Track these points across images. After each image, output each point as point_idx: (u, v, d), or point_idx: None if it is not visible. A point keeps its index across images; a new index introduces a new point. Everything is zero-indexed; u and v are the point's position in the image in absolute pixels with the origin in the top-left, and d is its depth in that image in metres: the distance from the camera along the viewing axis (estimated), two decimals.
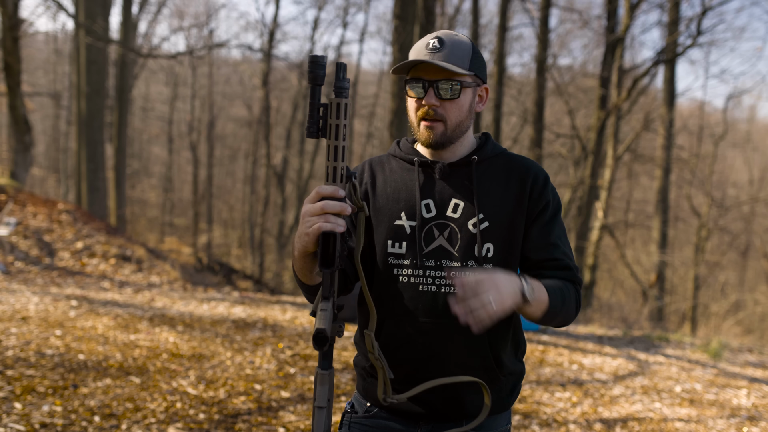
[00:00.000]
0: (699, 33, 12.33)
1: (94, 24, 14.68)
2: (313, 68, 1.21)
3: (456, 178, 1.49)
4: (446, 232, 1.47)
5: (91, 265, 9.37)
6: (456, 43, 1.45)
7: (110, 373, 4.45)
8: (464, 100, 1.46)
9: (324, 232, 1.22)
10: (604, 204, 13.99)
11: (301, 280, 1.42)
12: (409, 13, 9.87)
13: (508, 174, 1.52)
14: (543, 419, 4.34)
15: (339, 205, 1.22)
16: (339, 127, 1.21)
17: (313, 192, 1.23)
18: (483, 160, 1.52)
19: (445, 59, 1.42)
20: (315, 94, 1.23)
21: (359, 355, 1.59)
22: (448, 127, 1.46)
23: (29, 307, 6.39)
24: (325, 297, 1.26)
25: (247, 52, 25.02)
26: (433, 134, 1.46)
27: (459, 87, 1.44)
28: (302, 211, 1.24)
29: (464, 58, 1.44)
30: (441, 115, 1.45)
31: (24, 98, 12.22)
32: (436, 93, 1.43)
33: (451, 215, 1.48)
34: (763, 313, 19.58)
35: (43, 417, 3.55)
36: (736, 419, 4.64)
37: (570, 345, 6.87)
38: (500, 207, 1.48)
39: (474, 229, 1.46)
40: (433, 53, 1.42)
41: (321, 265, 1.24)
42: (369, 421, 1.56)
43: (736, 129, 27.79)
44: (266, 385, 4.55)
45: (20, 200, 10.79)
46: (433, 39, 1.44)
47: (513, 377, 1.56)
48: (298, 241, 1.28)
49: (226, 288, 10.02)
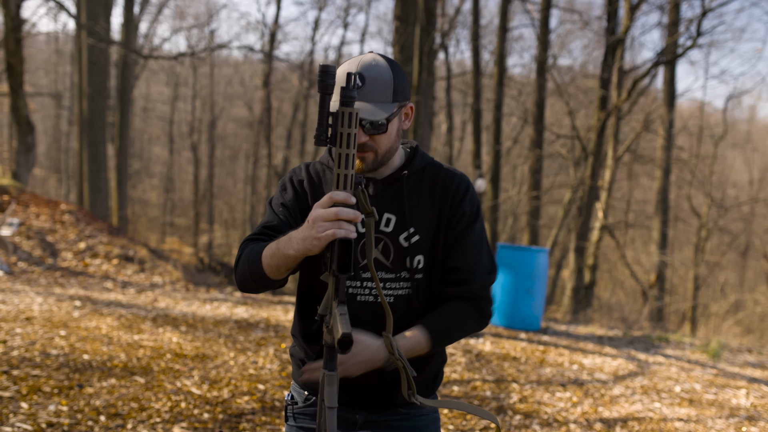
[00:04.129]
0: (699, 34, 12.36)
1: (96, 25, 14.71)
2: (323, 78, 1.24)
3: (388, 192, 1.55)
4: (380, 245, 1.55)
5: (94, 265, 9.41)
6: (376, 77, 1.45)
7: (115, 373, 4.49)
8: (392, 130, 1.50)
9: (341, 239, 1.24)
10: (604, 204, 14.03)
11: (267, 274, 1.43)
12: (409, 14, 9.90)
13: (433, 187, 1.58)
14: (544, 419, 4.38)
15: (353, 212, 1.24)
16: (350, 135, 1.24)
17: (326, 197, 1.25)
18: (412, 173, 1.57)
19: (368, 99, 1.44)
20: (325, 102, 1.26)
21: (295, 345, 1.66)
22: (379, 155, 1.51)
23: (33, 308, 6.43)
24: (341, 302, 1.28)
25: (248, 53, 25.03)
26: (364, 164, 1.50)
27: (386, 122, 1.47)
28: (313, 215, 1.26)
29: (387, 92, 1.46)
30: (371, 147, 1.49)
31: (26, 99, 12.25)
32: (364, 130, 1.46)
33: (384, 229, 1.54)
34: (762, 313, 19.61)
35: (49, 416, 3.59)
36: (735, 419, 4.68)
37: (570, 345, 6.90)
38: (428, 220, 1.56)
39: (405, 242, 1.54)
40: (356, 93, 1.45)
41: (339, 270, 1.26)
42: (310, 409, 1.62)
43: (736, 129, 27.82)
44: (269, 385, 4.59)
45: (23, 201, 10.82)
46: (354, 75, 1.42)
47: (435, 365, 1.65)
48: (302, 243, 1.29)
49: (228, 288, 10.05)
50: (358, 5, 24.09)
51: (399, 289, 1.55)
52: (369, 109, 1.44)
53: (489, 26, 20.19)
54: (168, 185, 28.43)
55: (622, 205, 19.68)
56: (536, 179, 14.88)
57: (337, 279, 1.26)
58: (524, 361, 5.98)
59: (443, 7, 14.79)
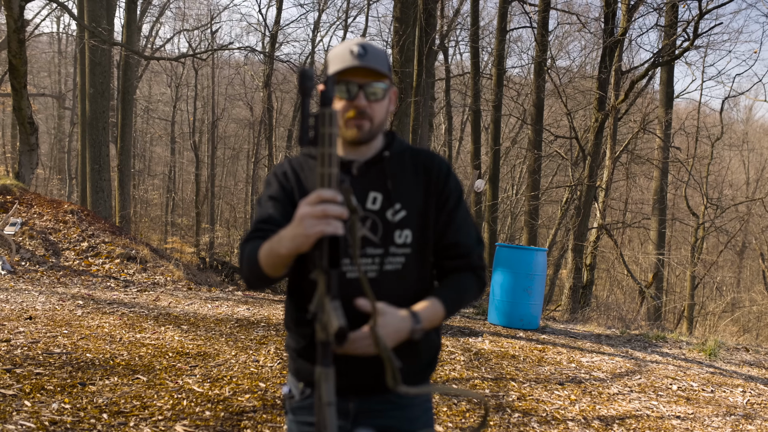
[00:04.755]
0: (696, 35, 12.39)
1: (98, 26, 14.76)
2: (302, 81, 1.28)
3: (372, 173, 1.63)
4: (368, 222, 1.61)
5: (97, 264, 9.47)
6: (377, 50, 1.59)
7: (117, 372, 4.55)
8: (386, 101, 1.61)
9: (328, 235, 1.28)
10: (602, 204, 14.08)
11: (266, 272, 1.48)
12: (409, 16, 9.95)
13: (416, 166, 1.67)
14: (542, 417, 4.43)
15: (340, 209, 1.26)
16: (332, 135, 1.29)
17: (313, 195, 1.27)
18: (393, 155, 1.66)
19: (371, 65, 1.55)
20: (306, 104, 1.31)
21: (290, 337, 1.70)
22: (374, 125, 1.59)
23: (36, 307, 6.48)
24: (333, 296, 1.32)
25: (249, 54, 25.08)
26: (360, 132, 1.58)
27: (384, 89, 1.58)
28: (300, 212, 1.28)
29: (385, 63, 1.58)
30: (369, 115, 1.57)
31: (29, 99, 12.30)
32: (365, 95, 1.56)
33: (371, 207, 1.61)
34: (759, 312, 19.66)
35: (52, 415, 3.64)
36: (731, 417, 4.73)
37: (568, 344, 6.96)
38: (413, 196, 1.64)
39: (392, 217, 1.61)
40: (361, 59, 1.54)
41: (330, 266, 1.31)
42: (308, 402, 1.66)
43: (733, 130, 27.84)
44: (270, 383, 4.64)
45: (26, 201, 10.88)
46: (356, 46, 1.56)
47: (431, 351, 1.69)
48: (291, 241, 1.32)
49: (229, 287, 10.11)
50: (358, 7, 24.16)
51: (388, 264, 1.60)
52: (372, 74, 1.56)
53: (488, 27, 20.26)
54: (170, 185, 28.48)
55: (619, 205, 19.72)
56: (535, 179, 14.94)
57: (328, 274, 1.29)
58: (523, 360, 6.03)
59: (442, 9, 14.85)
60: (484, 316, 8.20)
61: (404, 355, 1.59)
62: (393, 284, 1.59)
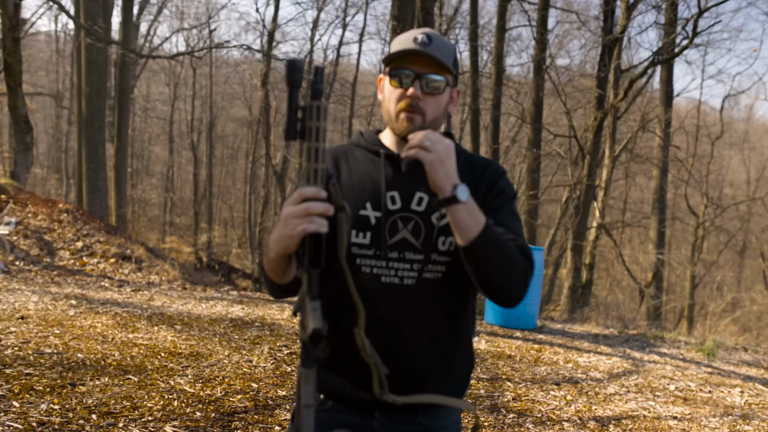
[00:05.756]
0: (695, 33, 12.35)
1: (95, 25, 14.72)
2: (290, 72, 1.23)
3: (421, 172, 1.48)
4: (410, 224, 1.49)
5: (91, 264, 9.42)
6: (443, 41, 1.49)
7: (108, 372, 4.50)
8: (444, 98, 1.50)
9: (311, 233, 1.24)
10: (602, 204, 14.03)
11: (273, 280, 1.43)
12: (407, 14, 9.89)
13: (470, 171, 1.54)
14: (537, 417, 4.38)
15: (323, 206, 1.22)
16: (319, 129, 1.23)
17: (295, 194, 1.23)
18: None
19: (435, 53, 1.45)
20: (293, 97, 1.25)
21: None
22: (426, 120, 1.49)
23: (29, 306, 6.43)
24: (313, 296, 1.27)
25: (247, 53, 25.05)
26: (412, 125, 1.48)
27: (444, 83, 1.47)
28: (284, 213, 1.24)
29: (450, 57, 1.48)
30: (422, 109, 1.47)
31: (25, 98, 12.26)
32: (422, 86, 1.46)
33: (416, 208, 1.50)
34: (759, 311, 19.63)
35: (40, 415, 3.59)
36: (729, 417, 4.68)
37: (566, 344, 6.91)
38: None
39: (438, 222, 1.49)
40: (423, 47, 1.44)
41: (310, 265, 1.25)
42: (324, 414, 1.54)
43: (734, 129, 27.82)
44: (263, 383, 4.60)
45: (21, 200, 10.83)
46: (420, 34, 1.46)
47: (466, 368, 1.58)
48: (277, 243, 1.29)
49: (225, 287, 10.07)
50: (357, 5, 24.09)
51: (427, 272, 1.48)
52: (433, 64, 1.46)
53: (487, 26, 20.21)
54: (168, 185, 28.46)
55: (619, 204, 19.68)
56: (534, 178, 14.90)
57: (309, 274, 1.25)
58: (519, 360, 5.99)
59: (441, 7, 14.80)
60: (481, 315, 8.16)
61: (438, 371, 1.51)
62: (430, 294, 1.47)
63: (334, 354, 1.51)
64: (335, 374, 1.53)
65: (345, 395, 1.52)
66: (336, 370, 1.53)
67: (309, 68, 21.38)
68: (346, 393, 1.51)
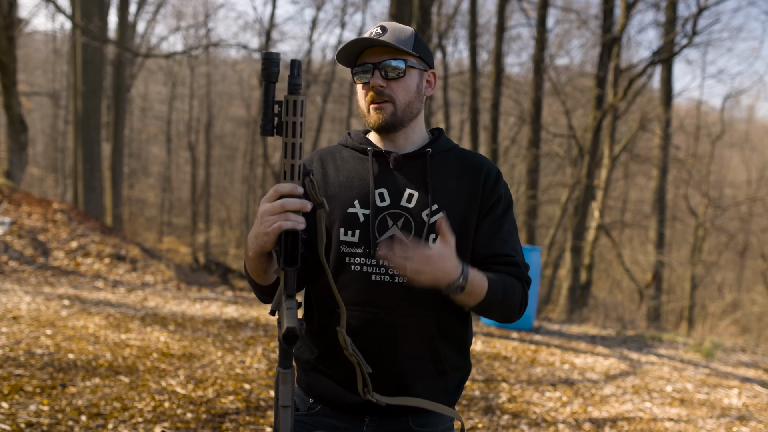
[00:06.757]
0: (695, 33, 12.33)
1: (90, 24, 14.67)
2: (266, 65, 1.20)
3: (410, 168, 1.49)
4: (400, 221, 1.46)
5: (86, 264, 9.36)
6: (398, 28, 1.48)
7: (99, 373, 4.45)
8: (410, 81, 1.47)
9: (285, 230, 1.21)
10: (601, 204, 13.98)
11: (254, 280, 1.40)
12: (405, 13, 9.84)
13: (462, 168, 1.52)
14: (532, 419, 4.34)
15: (299, 202, 1.20)
16: (296, 124, 1.21)
17: (271, 190, 1.22)
18: (437, 153, 1.52)
19: (388, 40, 1.44)
20: (269, 91, 1.22)
21: (300, 346, 1.56)
22: (398, 107, 1.46)
23: (21, 307, 6.38)
24: (289, 295, 1.24)
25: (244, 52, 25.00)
26: (383, 115, 1.46)
27: (404, 65, 1.45)
28: (260, 210, 1.22)
29: (407, 41, 1.46)
30: (389, 96, 1.45)
31: (21, 98, 12.22)
32: (381, 74, 1.44)
33: (406, 205, 1.47)
34: (760, 312, 19.58)
35: (29, 416, 3.55)
36: (726, 419, 4.63)
37: (562, 345, 6.86)
38: (454, 199, 1.48)
39: (428, 219, 1.46)
40: (376, 38, 1.44)
41: (285, 263, 1.23)
42: (312, 419, 1.52)
43: (735, 129, 27.79)
44: (255, 384, 4.55)
45: (15, 200, 10.78)
46: (375, 28, 1.48)
47: (460, 373, 1.54)
48: (254, 241, 1.26)
49: (220, 287, 10.02)
50: (355, 4, 24.07)
51: None
52: (389, 51, 1.45)
53: (486, 25, 20.16)
54: (165, 185, 28.39)
55: (618, 204, 19.66)
56: (533, 178, 14.85)
57: (285, 272, 1.22)
58: (515, 361, 5.94)
59: (440, 6, 14.76)
60: (477, 316, 8.11)
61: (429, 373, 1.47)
62: (423, 292, 1.42)
63: (324, 357, 1.49)
64: (326, 377, 1.50)
65: (336, 399, 1.49)
66: (326, 373, 1.50)
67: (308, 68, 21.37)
68: (336, 397, 1.49)
